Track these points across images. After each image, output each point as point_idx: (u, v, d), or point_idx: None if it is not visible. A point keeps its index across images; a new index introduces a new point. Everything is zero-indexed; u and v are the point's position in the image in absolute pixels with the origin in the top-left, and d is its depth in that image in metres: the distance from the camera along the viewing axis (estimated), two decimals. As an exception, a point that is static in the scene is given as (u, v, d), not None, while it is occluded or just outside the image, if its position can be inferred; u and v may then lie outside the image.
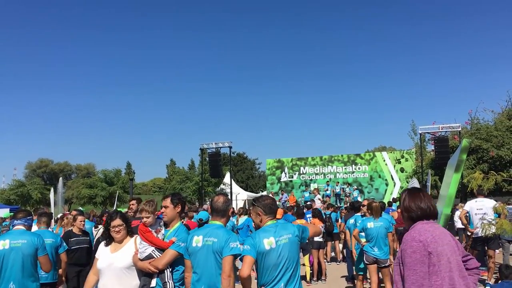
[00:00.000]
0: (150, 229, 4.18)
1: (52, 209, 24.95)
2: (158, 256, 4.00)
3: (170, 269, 4.02)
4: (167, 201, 4.27)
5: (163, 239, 4.17)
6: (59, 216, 17.62)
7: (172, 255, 3.99)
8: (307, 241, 4.03)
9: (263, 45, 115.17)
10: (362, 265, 7.56)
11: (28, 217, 5.20)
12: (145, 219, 4.18)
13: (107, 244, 4.27)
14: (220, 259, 3.71)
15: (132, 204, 6.78)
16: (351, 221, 9.58)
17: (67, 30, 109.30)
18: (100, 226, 11.93)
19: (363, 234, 8.25)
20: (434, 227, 2.88)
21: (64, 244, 6.42)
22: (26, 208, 41.67)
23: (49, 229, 8.46)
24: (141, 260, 4.00)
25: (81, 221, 7.76)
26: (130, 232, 4.32)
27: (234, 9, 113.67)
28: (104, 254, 4.19)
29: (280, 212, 9.97)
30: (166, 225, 4.27)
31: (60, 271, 6.28)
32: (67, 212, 17.45)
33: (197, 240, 3.82)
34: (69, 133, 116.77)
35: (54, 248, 6.02)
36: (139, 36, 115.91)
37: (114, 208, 23.54)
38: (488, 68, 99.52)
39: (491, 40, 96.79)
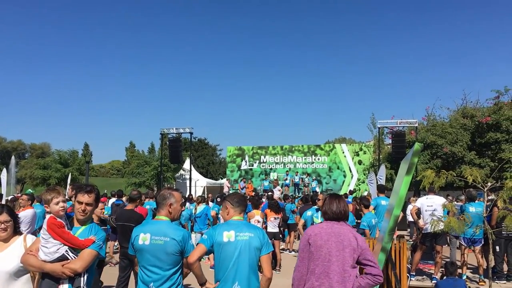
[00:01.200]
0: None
1: (4, 190, 24.06)
2: (73, 258, 3.37)
3: (87, 273, 3.43)
4: (92, 197, 3.58)
5: None
6: (9, 198, 16.99)
7: (92, 256, 3.43)
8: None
9: (225, 30, 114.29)
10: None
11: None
12: (61, 208, 3.46)
13: None
14: (175, 258, 3.63)
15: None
16: (308, 213, 9.64)
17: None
18: None
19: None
20: (331, 226, 3.61)
21: None
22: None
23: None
24: (50, 262, 3.32)
25: (101, 209, 7.36)
26: (18, 229, 3.67)
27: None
28: None
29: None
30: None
31: None
32: (19, 195, 16.82)
33: (144, 238, 3.67)
34: (23, 111, 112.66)
35: None
36: (99, 16, 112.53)
37: (67, 191, 22.84)
38: (446, 66, 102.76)
39: (450, 39, 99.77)
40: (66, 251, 3.36)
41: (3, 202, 15.72)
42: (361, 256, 3.46)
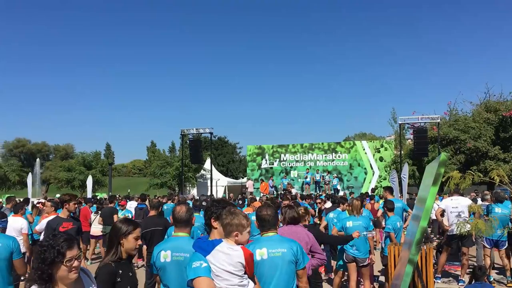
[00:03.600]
0: None
1: (30, 193, 24.58)
2: None
3: None
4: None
5: None
6: (35, 202, 17.32)
7: None
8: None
9: (244, 30, 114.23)
10: (341, 262, 7.58)
11: (2, 219, 5.08)
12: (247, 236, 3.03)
13: None
14: None
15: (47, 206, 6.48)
16: (331, 215, 9.63)
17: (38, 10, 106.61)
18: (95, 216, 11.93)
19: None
20: (291, 228, 4.89)
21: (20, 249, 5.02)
22: (2, 190, 40.91)
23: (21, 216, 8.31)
24: None
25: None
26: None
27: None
28: None
29: (256, 204, 9.91)
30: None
31: None
32: (43, 201, 17.11)
33: (165, 255, 3.70)
34: (47, 113, 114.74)
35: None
36: (121, 16, 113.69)
37: (89, 193, 23.23)
38: (469, 60, 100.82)
39: (472, 31, 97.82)
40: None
41: (30, 205, 16.05)
42: (312, 247, 4.83)
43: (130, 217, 12.91)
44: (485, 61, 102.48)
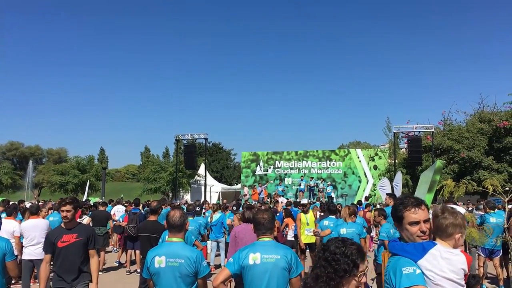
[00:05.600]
0: None
1: (25, 196, 24.44)
2: None
3: None
4: None
5: None
6: (27, 205, 17.15)
7: None
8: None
9: (241, 36, 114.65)
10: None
11: (-5, 221, 5.04)
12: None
13: None
14: (190, 279, 3.67)
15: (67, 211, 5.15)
16: (325, 222, 9.64)
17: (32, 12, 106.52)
18: (84, 216, 11.70)
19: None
20: (247, 226, 5.96)
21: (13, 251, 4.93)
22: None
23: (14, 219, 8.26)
24: None
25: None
26: None
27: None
28: None
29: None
30: None
31: None
32: (40, 203, 16.95)
33: (160, 261, 3.71)
34: (40, 116, 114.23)
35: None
36: (117, 20, 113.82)
37: (85, 197, 23.14)
38: (463, 69, 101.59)
39: (467, 41, 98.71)
40: None
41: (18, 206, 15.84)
42: None
43: (121, 221, 12.93)
44: (480, 72, 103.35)
